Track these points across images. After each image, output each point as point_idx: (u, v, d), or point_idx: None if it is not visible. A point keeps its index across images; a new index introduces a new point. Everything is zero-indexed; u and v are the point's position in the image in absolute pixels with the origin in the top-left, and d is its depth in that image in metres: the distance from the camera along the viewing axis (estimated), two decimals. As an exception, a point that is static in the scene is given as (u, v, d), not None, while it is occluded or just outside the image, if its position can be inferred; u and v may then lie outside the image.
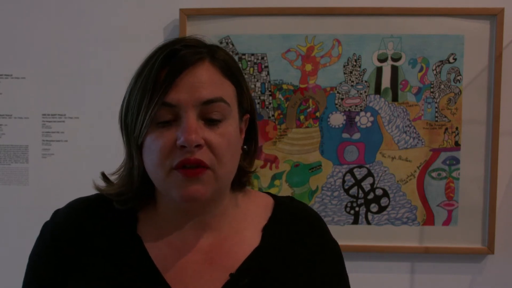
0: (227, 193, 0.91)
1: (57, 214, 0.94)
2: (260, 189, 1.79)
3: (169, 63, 0.82)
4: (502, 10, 1.73)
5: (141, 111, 0.82)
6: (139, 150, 0.85)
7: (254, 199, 0.96)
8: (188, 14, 1.75)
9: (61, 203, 0.97)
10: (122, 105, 0.88)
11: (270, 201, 0.97)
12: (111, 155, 1.77)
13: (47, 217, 0.96)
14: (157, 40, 1.78)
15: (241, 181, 0.95)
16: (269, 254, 0.89)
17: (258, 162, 1.78)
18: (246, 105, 0.91)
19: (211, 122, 0.83)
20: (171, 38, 0.89)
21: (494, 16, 1.73)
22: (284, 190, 1.79)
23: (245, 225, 0.92)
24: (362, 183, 1.79)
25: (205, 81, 0.83)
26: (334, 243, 0.99)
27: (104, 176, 0.93)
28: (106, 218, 0.90)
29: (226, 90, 0.85)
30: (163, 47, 0.85)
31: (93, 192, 0.96)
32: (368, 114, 1.78)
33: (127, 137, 0.87)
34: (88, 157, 1.80)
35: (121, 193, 0.89)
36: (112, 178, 0.92)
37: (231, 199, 0.92)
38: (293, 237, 0.92)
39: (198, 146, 0.80)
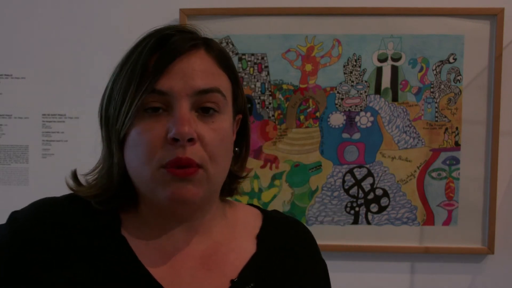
0: (216, 197, 0.85)
1: (16, 216, 0.81)
2: (258, 191, 1.79)
3: (160, 48, 0.75)
4: (502, 10, 1.73)
5: (126, 99, 0.73)
6: (121, 145, 0.77)
7: (241, 210, 0.92)
8: (188, 14, 1.75)
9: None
10: (103, 97, 0.80)
11: (257, 211, 0.93)
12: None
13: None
14: (157, 40, 1.79)
15: (231, 187, 0.88)
16: (267, 261, 0.85)
17: (258, 162, 1.79)
18: (240, 103, 0.84)
19: (204, 115, 0.75)
20: (162, 25, 0.82)
21: (494, 16, 1.73)
22: (284, 190, 1.79)
23: (237, 232, 0.87)
24: (362, 183, 1.79)
25: (200, 69, 0.75)
26: (324, 262, 0.96)
27: (74, 176, 0.85)
28: (81, 219, 0.80)
29: (222, 82, 0.78)
30: (153, 33, 0.78)
31: None
32: (368, 114, 1.78)
33: (107, 131, 0.79)
34: (88, 157, 1.80)
35: (100, 194, 0.80)
36: (86, 178, 0.84)
37: (218, 208, 0.86)
38: (286, 246, 0.89)
39: (191, 140, 0.73)
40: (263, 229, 0.89)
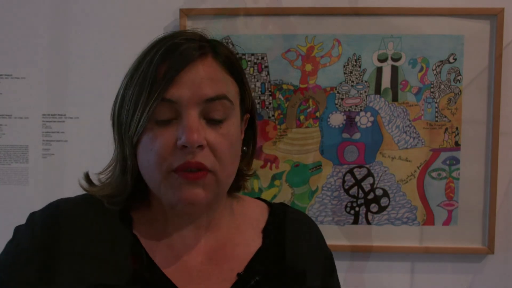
0: (224, 195, 0.88)
1: (34, 217, 0.86)
2: (258, 191, 1.80)
3: (169, 57, 0.77)
4: (502, 10, 1.73)
5: (138, 108, 0.76)
6: (133, 149, 0.80)
7: (248, 204, 0.96)
8: (188, 14, 1.75)
9: (61, 203, 0.95)
10: (115, 102, 0.83)
11: (264, 205, 0.97)
12: (111, 155, 1.77)
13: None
14: (157, 40, 1.79)
15: (238, 184, 0.92)
16: (273, 254, 0.88)
17: (258, 162, 1.79)
18: (247, 104, 0.88)
19: (213, 121, 0.78)
20: (170, 31, 0.85)
21: (494, 16, 1.73)
22: (284, 190, 1.79)
23: (244, 227, 0.91)
24: (362, 183, 1.79)
25: (208, 77, 0.78)
26: (329, 253, 0.99)
27: (87, 177, 0.88)
28: (95, 219, 0.84)
29: (229, 88, 0.81)
30: (162, 40, 0.81)
31: None
32: (368, 114, 1.78)
33: (120, 136, 0.81)
34: (88, 157, 1.80)
35: (114, 195, 0.83)
36: (99, 177, 0.87)
37: (225, 204, 0.90)
38: (290, 239, 0.92)
39: (200, 146, 0.76)
40: (269, 223, 0.93)
